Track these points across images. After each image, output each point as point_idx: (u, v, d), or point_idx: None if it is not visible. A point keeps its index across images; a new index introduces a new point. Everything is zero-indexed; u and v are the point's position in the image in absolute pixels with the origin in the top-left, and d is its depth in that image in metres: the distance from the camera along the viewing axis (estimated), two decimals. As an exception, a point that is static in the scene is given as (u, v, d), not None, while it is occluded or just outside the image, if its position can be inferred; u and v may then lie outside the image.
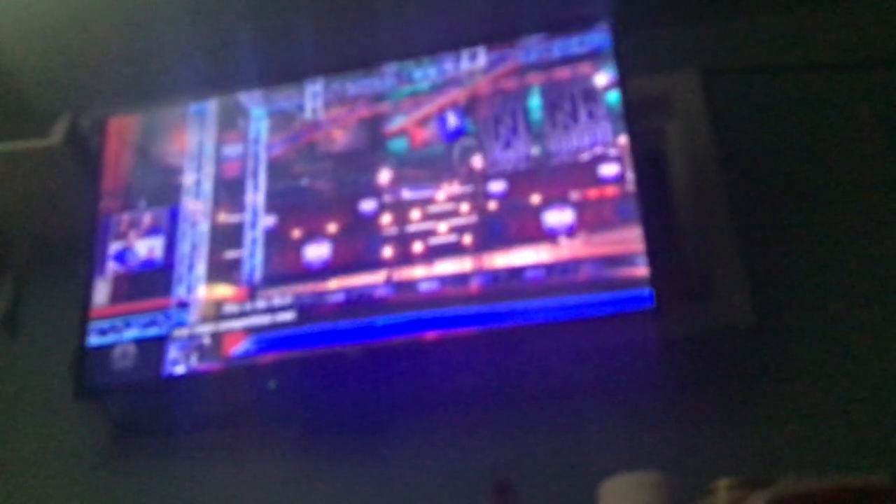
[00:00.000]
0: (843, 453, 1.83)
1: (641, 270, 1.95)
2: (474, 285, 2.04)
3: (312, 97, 2.37)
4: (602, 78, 2.16)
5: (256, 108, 2.39)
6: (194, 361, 2.12)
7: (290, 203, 2.25)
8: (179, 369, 2.11)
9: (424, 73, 2.31)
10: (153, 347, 2.15)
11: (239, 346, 2.12)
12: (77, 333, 2.19)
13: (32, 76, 2.51)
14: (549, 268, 2.01)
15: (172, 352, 2.14)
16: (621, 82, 2.11)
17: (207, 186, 2.33)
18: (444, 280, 2.06)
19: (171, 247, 2.26)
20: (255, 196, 2.28)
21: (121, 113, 2.44)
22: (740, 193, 2.16)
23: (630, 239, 1.99)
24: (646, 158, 2.08)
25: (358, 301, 2.09)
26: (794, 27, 2.35)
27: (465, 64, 2.28)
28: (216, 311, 2.16)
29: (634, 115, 2.09)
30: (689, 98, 2.29)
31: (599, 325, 1.96)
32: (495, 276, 2.04)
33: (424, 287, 2.07)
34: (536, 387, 2.04)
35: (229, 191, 2.31)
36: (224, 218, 2.28)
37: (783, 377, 1.97)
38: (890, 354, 1.95)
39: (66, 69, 2.50)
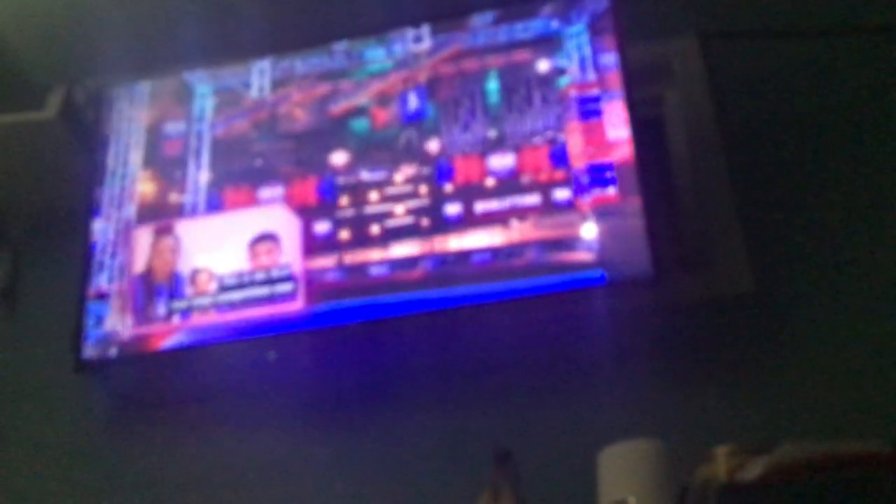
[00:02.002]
0: (842, 420, 1.83)
1: (583, 255, 1.97)
2: (420, 270, 2.05)
3: (259, 74, 2.35)
4: (545, 64, 2.16)
5: (201, 86, 2.38)
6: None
7: (245, 181, 2.25)
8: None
9: (375, 54, 2.30)
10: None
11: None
12: (75, 307, 2.18)
13: (27, 48, 2.49)
14: (496, 251, 2.02)
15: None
16: (620, 48, 2.10)
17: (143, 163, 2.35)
18: (394, 264, 2.07)
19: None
20: (198, 174, 2.28)
21: (116, 85, 2.42)
22: (739, 160, 2.15)
23: (574, 222, 2.00)
24: (644, 125, 2.07)
25: (307, 286, 2.09)
26: (794, -8, 2.33)
27: (414, 45, 2.27)
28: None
29: (633, 82, 2.07)
30: (688, 64, 2.28)
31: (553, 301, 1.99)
32: (443, 260, 2.04)
33: (374, 271, 2.07)
34: (535, 356, 2.04)
35: (169, 169, 2.31)
36: (173, 198, 2.28)
37: (782, 344, 1.97)
38: (889, 321, 1.94)
39: (60, 41, 2.49)
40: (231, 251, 2.18)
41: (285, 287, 2.10)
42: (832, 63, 2.26)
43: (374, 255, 2.09)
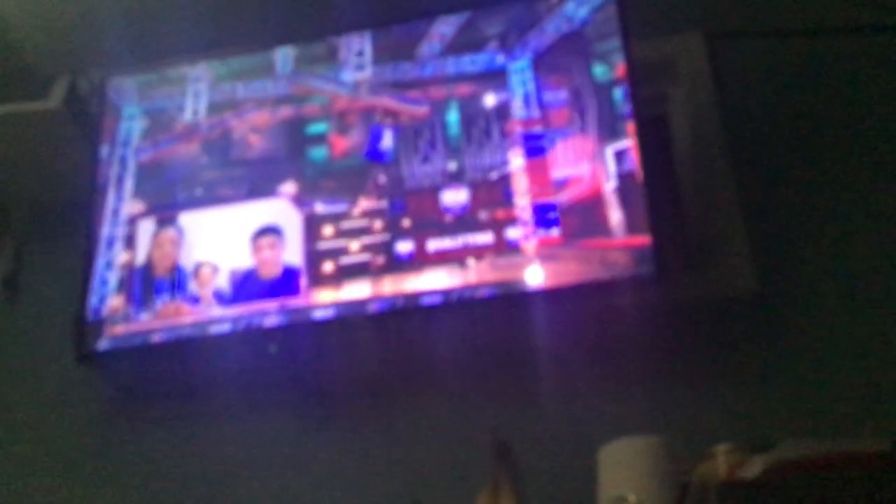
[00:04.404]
0: (843, 419, 1.83)
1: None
2: (371, 310, 2.02)
3: (194, 97, 2.32)
4: (491, 98, 2.14)
5: (129, 107, 2.36)
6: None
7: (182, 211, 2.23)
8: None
9: (319, 81, 2.27)
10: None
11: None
12: (77, 298, 2.18)
13: (31, 38, 2.49)
14: (447, 294, 1.99)
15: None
16: (625, 45, 2.08)
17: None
18: (340, 307, 2.04)
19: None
20: (120, 205, 2.26)
21: (119, 74, 2.42)
22: (744, 158, 2.15)
23: (520, 264, 1.98)
24: (649, 123, 2.07)
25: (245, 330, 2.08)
26: (800, -10, 2.33)
27: (359, 73, 2.24)
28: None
29: (638, 80, 2.06)
30: (694, 62, 2.28)
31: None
32: (392, 303, 2.02)
33: (319, 315, 2.05)
34: (537, 351, 2.04)
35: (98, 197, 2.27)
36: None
37: (784, 343, 1.97)
38: (891, 320, 1.94)
39: (64, 31, 2.48)
40: (233, 244, 2.18)
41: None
42: (837, 62, 2.26)
43: (324, 295, 2.06)
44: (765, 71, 2.27)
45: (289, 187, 2.18)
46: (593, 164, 2.02)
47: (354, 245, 2.08)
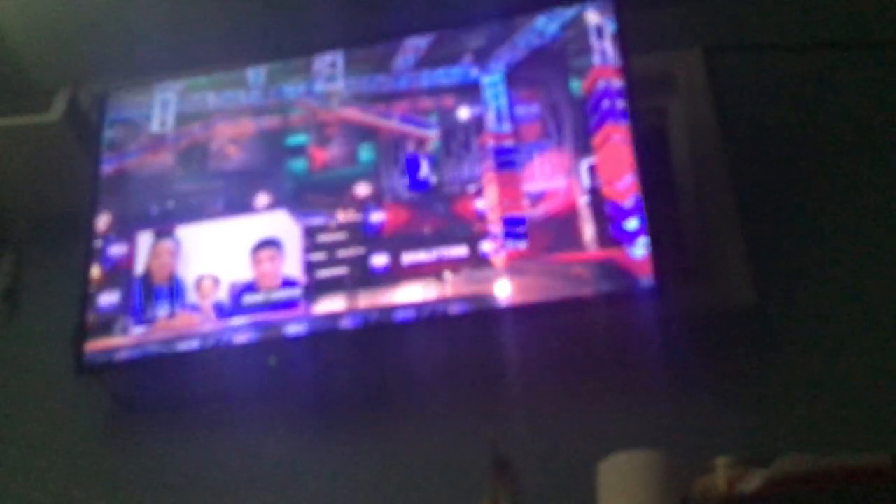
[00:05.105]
0: (842, 433, 1.83)
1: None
2: (344, 325, 2.02)
3: (162, 107, 2.32)
4: (465, 111, 2.15)
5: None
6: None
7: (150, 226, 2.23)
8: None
9: (294, 90, 2.27)
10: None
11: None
12: (77, 309, 2.19)
13: (32, 51, 2.50)
14: (420, 308, 1.99)
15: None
16: (624, 59, 2.09)
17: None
18: (316, 321, 2.04)
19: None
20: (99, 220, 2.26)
21: (120, 88, 2.42)
22: (742, 172, 2.15)
23: (490, 278, 1.98)
24: (648, 136, 2.07)
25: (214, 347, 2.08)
26: (797, 5, 2.33)
27: (331, 84, 2.25)
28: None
29: (637, 93, 2.07)
30: (692, 76, 2.28)
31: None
32: (366, 318, 2.02)
33: (291, 332, 2.05)
34: (536, 365, 2.04)
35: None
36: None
37: (783, 357, 1.97)
38: (891, 332, 1.94)
39: (65, 44, 2.49)
40: (233, 257, 2.18)
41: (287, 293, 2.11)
42: (835, 76, 2.27)
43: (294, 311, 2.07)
44: (763, 85, 2.28)
45: (265, 199, 2.18)
46: (569, 179, 2.03)
47: (332, 257, 2.09)
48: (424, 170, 2.13)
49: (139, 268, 2.21)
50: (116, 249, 2.23)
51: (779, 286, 2.03)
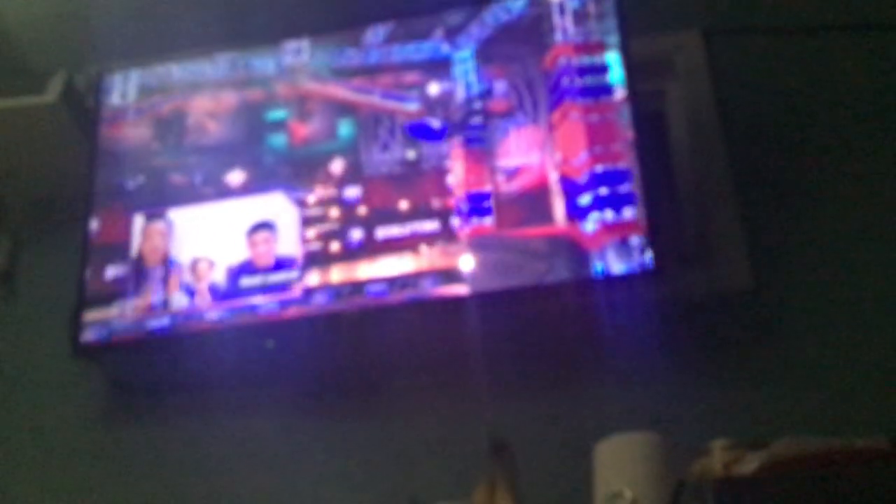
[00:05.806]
0: (840, 416, 1.83)
1: (458, 288, 1.98)
2: (316, 303, 2.03)
3: (123, 80, 2.31)
4: (435, 87, 2.15)
5: None
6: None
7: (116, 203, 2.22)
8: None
9: (263, 63, 2.26)
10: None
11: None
12: (74, 292, 2.18)
13: (28, 33, 2.49)
14: (392, 282, 2.00)
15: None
16: (623, 42, 2.08)
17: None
18: (285, 303, 2.05)
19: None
20: None
21: (117, 70, 2.41)
22: (741, 155, 2.15)
23: (455, 252, 1.99)
24: (646, 120, 2.07)
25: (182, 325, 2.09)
26: (797, -13, 2.33)
27: (297, 58, 2.24)
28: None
29: (635, 76, 2.06)
30: (691, 59, 2.28)
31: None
32: (337, 293, 2.03)
33: (263, 310, 2.06)
34: (533, 348, 2.04)
35: None
36: None
37: (780, 340, 1.97)
38: (887, 317, 1.95)
39: (61, 26, 2.48)
40: (229, 240, 2.17)
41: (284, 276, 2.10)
42: (834, 59, 2.26)
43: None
44: (762, 68, 2.28)
45: (242, 175, 2.18)
46: (542, 154, 2.04)
47: (311, 232, 2.10)
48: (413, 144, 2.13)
49: (132, 250, 2.21)
50: (93, 224, 2.24)
51: (776, 270, 2.03)
